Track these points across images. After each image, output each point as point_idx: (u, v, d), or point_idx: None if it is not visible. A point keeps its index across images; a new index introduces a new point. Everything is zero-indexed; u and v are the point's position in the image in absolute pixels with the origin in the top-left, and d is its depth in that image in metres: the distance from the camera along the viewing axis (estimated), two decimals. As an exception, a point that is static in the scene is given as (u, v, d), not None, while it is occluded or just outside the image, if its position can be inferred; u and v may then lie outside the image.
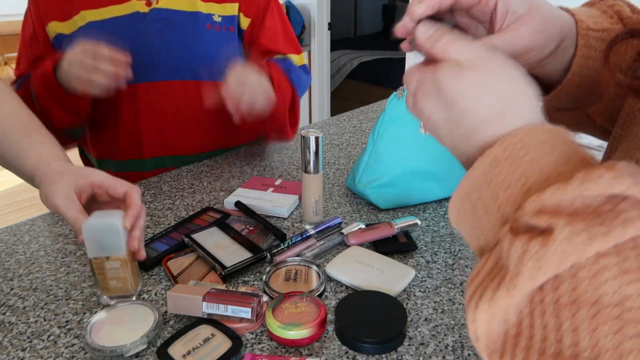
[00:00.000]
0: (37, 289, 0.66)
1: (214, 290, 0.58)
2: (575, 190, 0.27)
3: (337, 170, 1.04)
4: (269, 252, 0.71)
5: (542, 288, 0.27)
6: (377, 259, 0.69)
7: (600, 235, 0.26)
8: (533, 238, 0.27)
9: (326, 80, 3.88)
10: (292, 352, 0.55)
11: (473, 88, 0.34)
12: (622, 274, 0.25)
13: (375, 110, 1.49)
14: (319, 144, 0.75)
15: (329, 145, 1.18)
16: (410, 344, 0.56)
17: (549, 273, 0.27)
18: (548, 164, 0.30)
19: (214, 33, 1.05)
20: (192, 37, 1.03)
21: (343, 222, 0.82)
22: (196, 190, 0.95)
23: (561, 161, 0.30)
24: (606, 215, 0.26)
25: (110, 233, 0.58)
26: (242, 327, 0.57)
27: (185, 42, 1.02)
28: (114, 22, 0.98)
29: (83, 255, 0.74)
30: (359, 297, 0.60)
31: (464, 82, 0.34)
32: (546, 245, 0.26)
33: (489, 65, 0.34)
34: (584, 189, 0.27)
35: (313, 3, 3.57)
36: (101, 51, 0.84)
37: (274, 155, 1.13)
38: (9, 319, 0.61)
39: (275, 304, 0.58)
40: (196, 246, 0.72)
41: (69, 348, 0.56)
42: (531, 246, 0.27)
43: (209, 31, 1.04)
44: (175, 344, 0.54)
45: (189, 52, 1.03)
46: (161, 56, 1.01)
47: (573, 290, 0.26)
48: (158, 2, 1.00)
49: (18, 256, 0.74)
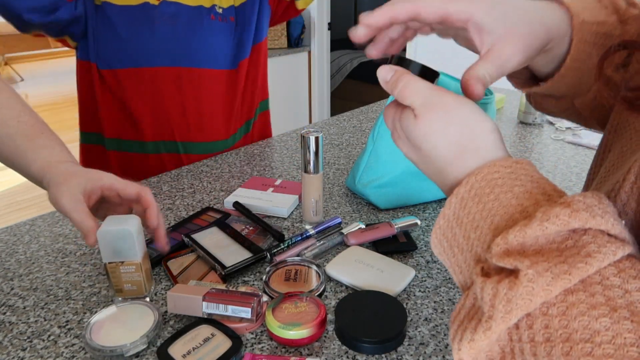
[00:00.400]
0: (37, 289, 0.66)
1: (214, 290, 0.59)
2: (535, 230, 0.28)
3: (337, 170, 1.04)
4: (269, 252, 0.71)
5: (518, 326, 0.28)
6: (377, 259, 0.69)
7: (563, 274, 0.27)
8: (502, 280, 0.28)
9: (326, 80, 3.88)
10: (292, 352, 0.55)
11: (429, 134, 0.35)
12: (590, 310, 0.26)
13: (375, 110, 1.49)
14: (319, 144, 0.75)
15: (329, 145, 1.18)
16: (410, 344, 0.56)
17: (520, 314, 0.27)
18: (511, 201, 0.31)
19: (217, 23, 1.09)
20: (198, 28, 1.07)
21: (343, 222, 0.82)
22: (196, 190, 0.95)
23: (524, 196, 0.31)
24: (569, 252, 0.27)
25: (125, 239, 0.59)
26: (242, 327, 0.57)
27: (191, 32, 1.06)
28: (126, 9, 1.01)
29: (83, 255, 0.74)
30: (359, 297, 0.60)
31: (420, 129, 0.36)
32: (513, 288, 0.27)
33: (440, 110, 0.35)
34: (543, 229, 0.28)
35: (313, 3, 3.57)
36: None
37: (274, 155, 1.13)
38: (9, 318, 0.61)
39: (275, 303, 0.58)
40: (196, 246, 0.72)
41: (69, 348, 0.56)
42: (500, 289, 0.28)
43: (212, 21, 1.09)
44: (175, 344, 0.54)
45: (193, 41, 1.06)
46: (168, 44, 1.04)
47: (546, 328, 0.27)
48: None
49: (18, 256, 0.74)
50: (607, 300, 0.26)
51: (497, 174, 0.32)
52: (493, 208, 0.31)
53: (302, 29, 3.58)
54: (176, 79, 1.06)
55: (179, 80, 1.06)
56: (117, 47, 1.01)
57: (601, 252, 0.27)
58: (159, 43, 1.03)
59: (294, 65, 3.61)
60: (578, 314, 0.26)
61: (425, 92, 0.36)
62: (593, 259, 0.27)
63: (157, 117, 1.07)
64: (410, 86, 0.37)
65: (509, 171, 0.32)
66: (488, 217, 0.31)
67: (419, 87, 0.36)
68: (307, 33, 3.69)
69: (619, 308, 0.26)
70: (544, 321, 0.27)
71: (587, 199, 0.29)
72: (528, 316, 0.28)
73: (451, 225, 0.33)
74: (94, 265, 0.71)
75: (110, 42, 1.01)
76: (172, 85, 1.06)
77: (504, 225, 0.30)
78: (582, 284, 0.27)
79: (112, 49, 1.02)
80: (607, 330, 0.25)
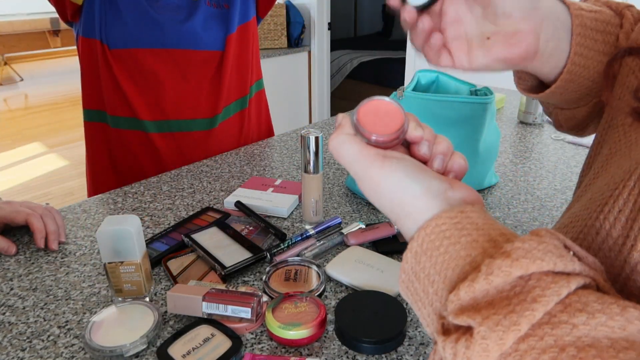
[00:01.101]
0: (37, 289, 0.66)
1: (213, 290, 0.58)
2: (482, 285, 0.29)
3: (337, 170, 1.04)
4: (268, 252, 0.71)
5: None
6: (377, 259, 0.69)
7: (512, 325, 0.27)
8: (459, 339, 0.29)
9: (326, 80, 3.88)
10: (292, 352, 0.55)
11: (370, 195, 0.37)
12: (541, 354, 0.27)
13: (375, 110, 1.48)
14: (319, 144, 0.75)
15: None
16: (410, 344, 0.56)
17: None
18: (460, 252, 0.32)
19: (212, 10, 1.12)
20: (196, 13, 1.09)
21: (343, 222, 0.82)
22: (196, 190, 0.95)
23: (471, 246, 0.32)
24: (517, 299, 0.28)
25: (125, 239, 0.59)
26: (242, 327, 0.57)
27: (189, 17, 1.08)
28: None
29: (83, 256, 0.74)
30: (359, 297, 0.60)
31: (363, 188, 0.37)
32: (470, 347, 0.28)
33: (367, 185, 0.37)
34: (489, 282, 0.29)
35: (313, 3, 3.57)
36: None
37: (274, 155, 1.13)
38: (9, 319, 0.61)
39: (275, 304, 0.58)
40: (196, 246, 0.72)
41: (68, 348, 0.56)
42: (458, 349, 0.29)
43: (208, 7, 1.11)
44: (175, 344, 0.54)
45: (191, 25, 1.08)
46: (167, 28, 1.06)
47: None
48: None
49: (18, 256, 0.74)
50: (556, 340, 0.27)
51: (445, 225, 0.33)
52: (445, 261, 0.32)
53: (302, 29, 3.58)
54: (171, 61, 1.08)
55: (174, 62, 1.08)
56: (121, 29, 1.03)
57: (546, 295, 0.28)
58: (159, 30, 1.05)
59: (294, 65, 3.61)
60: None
61: (352, 163, 0.37)
62: (539, 304, 0.27)
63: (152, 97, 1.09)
64: (343, 146, 0.37)
65: (455, 222, 0.33)
66: (441, 271, 0.32)
67: (346, 154, 0.37)
68: (307, 33, 3.69)
69: (567, 346, 0.26)
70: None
71: (526, 243, 0.30)
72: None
73: (411, 280, 0.35)
74: (94, 265, 0.71)
75: (116, 23, 1.03)
76: (168, 66, 1.08)
77: (457, 279, 0.31)
78: (532, 329, 0.27)
79: (117, 29, 1.03)
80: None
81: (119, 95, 1.07)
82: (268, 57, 3.34)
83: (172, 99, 1.10)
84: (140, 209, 0.88)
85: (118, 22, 1.03)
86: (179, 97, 1.10)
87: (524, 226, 0.81)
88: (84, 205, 0.90)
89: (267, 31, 3.44)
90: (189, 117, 1.13)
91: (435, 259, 0.33)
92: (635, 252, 0.34)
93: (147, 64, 1.06)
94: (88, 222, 0.84)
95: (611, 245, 0.36)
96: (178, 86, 1.09)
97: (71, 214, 0.87)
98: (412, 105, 0.84)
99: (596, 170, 0.44)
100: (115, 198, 0.93)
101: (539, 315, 0.27)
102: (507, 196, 0.91)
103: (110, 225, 0.59)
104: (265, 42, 3.47)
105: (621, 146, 0.41)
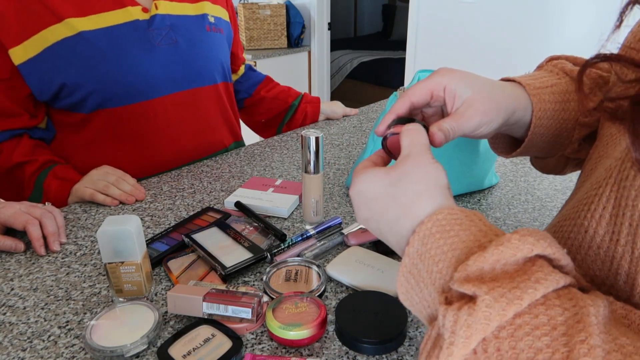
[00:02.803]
0: (37, 289, 0.66)
1: (214, 290, 0.58)
2: (492, 254, 0.32)
3: (337, 170, 1.04)
4: (269, 252, 0.71)
5: (476, 351, 0.30)
6: (377, 259, 0.69)
7: (516, 299, 0.30)
8: (462, 307, 0.31)
9: (326, 80, 3.88)
10: (293, 352, 0.55)
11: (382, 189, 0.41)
12: (534, 330, 0.29)
13: (375, 110, 1.49)
14: (319, 144, 0.75)
15: (329, 145, 1.18)
16: (411, 344, 0.56)
17: (478, 338, 0.30)
18: (469, 237, 0.35)
19: (212, 34, 1.06)
20: (199, 41, 1.02)
21: (343, 222, 0.82)
22: (196, 190, 0.95)
23: (480, 234, 0.35)
24: (520, 278, 0.31)
25: (125, 239, 0.59)
26: (243, 328, 0.57)
27: (195, 46, 1.01)
28: (112, 31, 0.91)
29: (83, 256, 0.74)
30: (359, 297, 0.60)
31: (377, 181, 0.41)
32: (472, 314, 0.30)
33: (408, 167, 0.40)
34: (498, 253, 0.32)
35: (313, 3, 3.57)
36: (127, 177, 0.92)
37: (274, 155, 1.13)
38: (9, 319, 0.61)
39: (275, 304, 0.58)
40: (196, 246, 0.72)
41: (69, 348, 0.56)
42: (460, 315, 0.31)
43: (209, 33, 1.05)
44: (176, 344, 0.54)
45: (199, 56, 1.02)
46: (178, 65, 0.99)
47: (497, 351, 0.29)
48: (158, 8, 0.97)
49: (18, 256, 0.74)
50: (549, 319, 0.29)
51: (457, 215, 0.36)
52: (453, 243, 0.35)
53: (302, 29, 3.58)
54: (179, 104, 1.02)
55: (182, 104, 1.02)
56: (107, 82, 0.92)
57: (547, 280, 0.30)
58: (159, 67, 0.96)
59: (294, 65, 3.61)
60: (524, 335, 0.29)
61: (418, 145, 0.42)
62: (541, 285, 0.30)
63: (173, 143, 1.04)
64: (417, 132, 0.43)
65: (466, 214, 0.36)
66: (448, 251, 0.35)
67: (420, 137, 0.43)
68: (307, 33, 3.69)
69: (558, 325, 0.29)
70: (496, 344, 0.30)
71: (531, 230, 0.33)
72: (483, 340, 0.30)
73: (414, 263, 0.36)
74: (94, 266, 0.71)
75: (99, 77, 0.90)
76: (174, 110, 1.01)
77: (464, 257, 0.34)
78: (528, 307, 0.30)
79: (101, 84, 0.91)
80: (547, 347, 0.28)
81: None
82: (268, 57, 3.34)
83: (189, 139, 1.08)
84: (140, 209, 0.88)
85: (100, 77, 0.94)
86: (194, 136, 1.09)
87: (524, 226, 0.81)
88: (84, 205, 0.90)
89: (267, 31, 3.44)
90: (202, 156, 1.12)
91: (444, 241, 0.35)
92: (619, 246, 0.36)
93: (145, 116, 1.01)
94: (88, 222, 0.84)
95: (599, 243, 0.38)
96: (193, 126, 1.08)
97: (72, 214, 0.87)
98: (413, 105, 0.84)
99: (586, 172, 0.46)
100: (115, 198, 0.92)
101: (538, 295, 0.30)
102: (508, 196, 0.91)
103: (111, 225, 0.59)
104: (265, 42, 3.47)
105: (607, 149, 0.44)
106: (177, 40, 0.99)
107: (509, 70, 2.77)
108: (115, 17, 0.92)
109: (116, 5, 0.92)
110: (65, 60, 0.88)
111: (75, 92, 0.91)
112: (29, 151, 0.94)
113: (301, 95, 1.33)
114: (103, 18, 0.91)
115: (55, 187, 0.92)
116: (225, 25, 1.12)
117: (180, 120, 1.04)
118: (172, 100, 1.01)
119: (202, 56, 1.03)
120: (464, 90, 0.47)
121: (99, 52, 0.90)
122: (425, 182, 0.39)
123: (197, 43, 1.02)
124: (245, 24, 3.35)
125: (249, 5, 3.34)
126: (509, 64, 2.77)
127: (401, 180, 0.39)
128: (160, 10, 0.97)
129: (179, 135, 1.04)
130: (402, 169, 0.40)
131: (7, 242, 0.74)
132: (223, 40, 1.09)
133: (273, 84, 1.34)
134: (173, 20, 0.99)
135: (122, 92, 0.94)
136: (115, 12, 0.92)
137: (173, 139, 1.04)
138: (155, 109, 0.99)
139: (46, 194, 0.93)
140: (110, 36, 0.91)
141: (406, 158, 0.40)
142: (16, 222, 0.76)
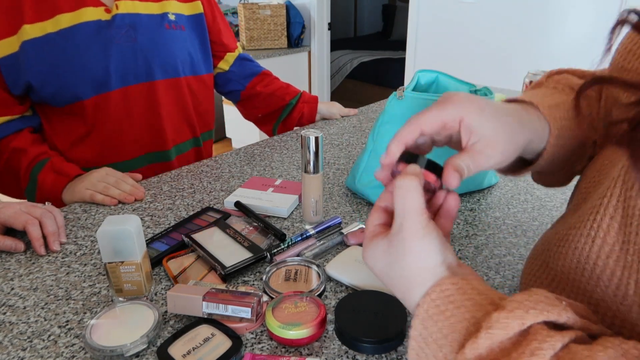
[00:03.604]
0: (37, 289, 0.67)
1: (214, 290, 0.59)
2: (484, 340, 0.32)
3: (337, 170, 1.04)
4: (269, 252, 0.71)
5: None
6: (377, 259, 0.69)
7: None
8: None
9: (326, 80, 3.88)
10: (292, 351, 0.55)
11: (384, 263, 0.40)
12: None
13: (375, 110, 1.49)
14: (319, 144, 0.75)
15: (329, 145, 1.18)
16: (410, 344, 0.56)
17: None
18: (465, 315, 0.35)
19: (172, 32, 1.09)
20: (158, 37, 1.05)
21: (343, 222, 0.82)
22: (196, 190, 0.95)
23: (474, 308, 0.35)
24: (516, 354, 0.31)
25: (125, 239, 0.59)
26: (242, 327, 0.57)
27: (155, 43, 1.05)
28: (72, 31, 0.95)
29: (83, 255, 0.74)
30: (359, 297, 0.60)
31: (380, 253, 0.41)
32: None
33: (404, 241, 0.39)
34: (490, 337, 0.32)
35: (313, 3, 3.57)
36: (126, 178, 0.93)
37: (274, 155, 1.13)
38: (9, 318, 0.61)
39: (275, 303, 0.58)
40: (196, 246, 0.72)
41: (69, 348, 0.56)
42: None
43: (169, 31, 1.08)
44: (175, 344, 0.54)
45: (159, 52, 1.05)
46: (136, 60, 1.03)
47: None
48: (118, 8, 1.00)
49: (18, 256, 0.74)
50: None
51: (448, 291, 0.36)
52: (450, 325, 0.35)
53: (302, 29, 3.59)
54: (139, 95, 1.06)
55: (142, 95, 1.06)
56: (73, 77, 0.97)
57: (543, 349, 0.30)
58: (118, 63, 1.01)
59: (294, 65, 3.61)
60: None
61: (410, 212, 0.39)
62: (537, 357, 0.30)
63: (125, 137, 1.07)
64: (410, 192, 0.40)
65: (457, 287, 0.36)
66: (448, 334, 0.35)
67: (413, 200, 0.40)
68: (307, 33, 3.69)
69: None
70: None
71: (518, 296, 0.33)
72: None
73: (421, 346, 0.37)
74: (94, 265, 0.72)
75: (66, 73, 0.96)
76: (137, 102, 1.06)
77: (463, 340, 0.34)
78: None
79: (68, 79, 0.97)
80: None
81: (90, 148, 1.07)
82: (268, 57, 3.34)
83: (144, 134, 1.11)
84: (140, 209, 0.88)
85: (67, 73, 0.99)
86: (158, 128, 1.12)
87: (523, 226, 0.81)
88: (84, 205, 0.90)
89: (267, 31, 3.44)
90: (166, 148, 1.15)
91: (441, 323, 0.35)
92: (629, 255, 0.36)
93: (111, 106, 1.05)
94: (88, 222, 0.84)
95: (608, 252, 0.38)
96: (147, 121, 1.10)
97: (72, 214, 0.87)
98: (412, 105, 0.84)
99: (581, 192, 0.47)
100: (115, 198, 0.93)
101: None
102: (507, 196, 0.91)
103: (111, 225, 0.59)
104: (265, 42, 3.47)
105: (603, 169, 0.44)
106: (136, 39, 1.02)
107: (509, 70, 2.78)
108: (77, 17, 0.96)
109: (79, 6, 0.96)
110: (29, 61, 0.94)
111: (42, 90, 0.97)
112: (27, 142, 0.99)
113: (299, 94, 1.33)
114: (65, 18, 0.95)
115: (50, 181, 0.95)
116: (189, 20, 1.13)
117: (136, 112, 1.07)
118: (125, 93, 1.05)
119: (161, 52, 1.06)
120: (483, 128, 0.44)
121: (61, 51, 0.95)
122: (415, 267, 0.38)
123: (156, 39, 1.05)
124: (246, 24, 3.35)
125: (249, 5, 3.34)
126: (509, 64, 2.78)
127: (397, 262, 0.39)
128: (120, 9, 1.00)
129: (131, 126, 1.07)
130: (394, 250, 0.40)
131: (7, 242, 0.74)
132: (184, 36, 1.11)
133: (270, 79, 1.34)
134: (133, 19, 1.02)
135: (81, 87, 0.98)
136: (78, 12, 0.95)
137: (127, 130, 1.07)
138: (112, 101, 1.03)
139: (40, 187, 0.96)
140: (70, 36, 0.95)
141: (397, 234, 0.39)
142: (16, 222, 0.76)
